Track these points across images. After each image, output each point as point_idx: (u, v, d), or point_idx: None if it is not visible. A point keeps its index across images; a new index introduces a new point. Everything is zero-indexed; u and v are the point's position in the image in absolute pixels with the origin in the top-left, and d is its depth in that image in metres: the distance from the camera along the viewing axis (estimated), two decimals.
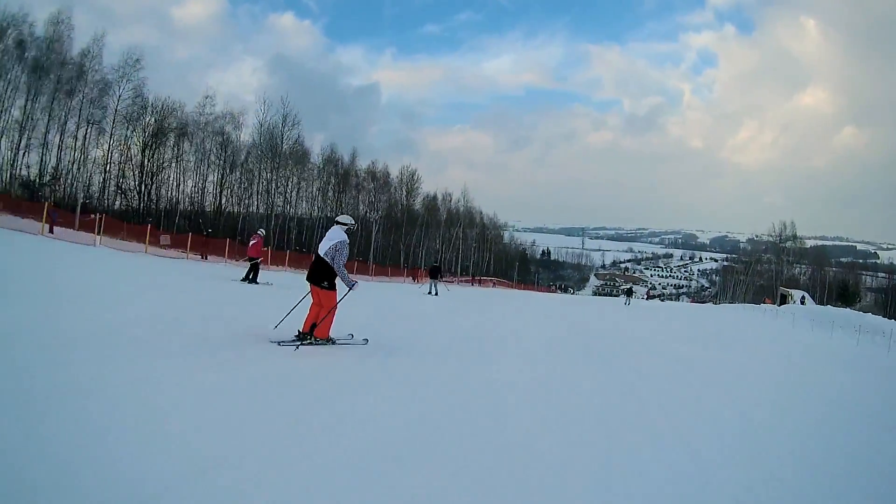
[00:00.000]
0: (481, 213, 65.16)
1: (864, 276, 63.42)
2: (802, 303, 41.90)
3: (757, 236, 76.60)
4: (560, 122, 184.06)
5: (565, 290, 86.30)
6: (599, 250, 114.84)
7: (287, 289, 10.98)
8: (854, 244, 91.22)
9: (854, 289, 47.64)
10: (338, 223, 5.32)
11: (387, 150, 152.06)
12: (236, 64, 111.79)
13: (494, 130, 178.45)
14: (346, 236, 5.25)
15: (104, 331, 4.58)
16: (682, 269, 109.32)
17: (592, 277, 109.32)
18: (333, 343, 5.30)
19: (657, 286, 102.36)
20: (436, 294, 18.49)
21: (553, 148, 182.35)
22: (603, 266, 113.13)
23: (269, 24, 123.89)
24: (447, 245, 57.71)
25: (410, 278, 39.84)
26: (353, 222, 5.47)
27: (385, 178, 52.96)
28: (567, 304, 23.94)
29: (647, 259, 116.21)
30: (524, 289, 55.76)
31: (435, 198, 58.86)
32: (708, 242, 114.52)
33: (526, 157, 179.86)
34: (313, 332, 5.17)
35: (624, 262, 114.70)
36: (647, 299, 54.31)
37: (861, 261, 78.08)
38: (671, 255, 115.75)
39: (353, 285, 5.29)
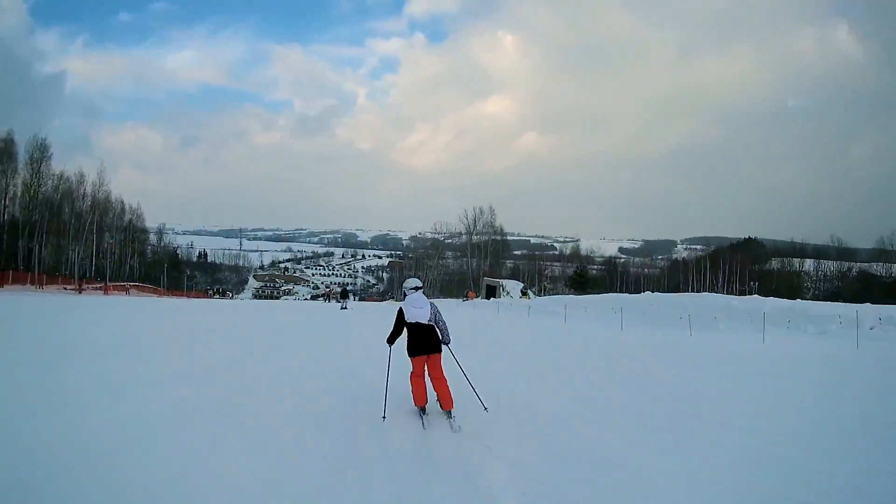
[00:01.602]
0: (123, 202, 53.12)
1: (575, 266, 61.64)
2: (524, 293, 38.75)
3: (421, 234, 79.07)
4: (230, 122, 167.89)
5: (223, 294, 69.31)
6: (258, 251, 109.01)
7: None
8: (527, 238, 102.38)
9: (586, 277, 48.59)
10: (417, 289, 5.00)
11: (65, 147, 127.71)
12: None
13: (165, 129, 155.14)
14: None
15: None
16: (346, 267, 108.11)
17: (251, 279, 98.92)
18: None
19: (321, 285, 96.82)
20: None
21: (220, 148, 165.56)
22: (262, 267, 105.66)
23: None
24: (86, 244, 45.24)
25: None
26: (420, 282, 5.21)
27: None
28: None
29: (308, 258, 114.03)
30: (174, 295, 47.19)
31: (69, 181, 44.36)
32: (369, 241, 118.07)
33: (193, 158, 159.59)
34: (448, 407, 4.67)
35: (283, 262, 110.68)
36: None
37: (539, 252, 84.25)
38: (332, 254, 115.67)
39: (450, 340, 4.99)
